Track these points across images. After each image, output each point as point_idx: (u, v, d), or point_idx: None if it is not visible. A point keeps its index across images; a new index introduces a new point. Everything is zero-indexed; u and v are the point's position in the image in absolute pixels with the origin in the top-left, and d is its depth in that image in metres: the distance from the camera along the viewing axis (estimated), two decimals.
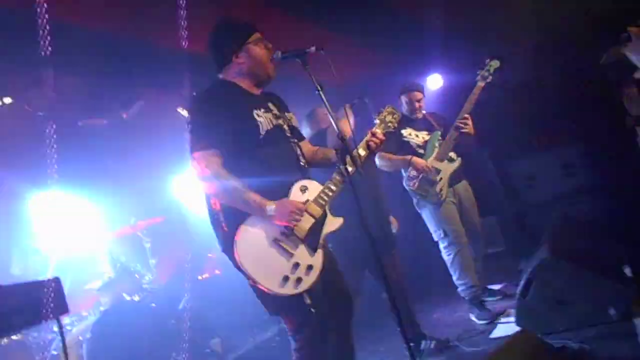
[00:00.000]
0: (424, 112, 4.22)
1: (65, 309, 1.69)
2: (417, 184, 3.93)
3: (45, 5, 3.32)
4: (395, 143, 4.04)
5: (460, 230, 3.95)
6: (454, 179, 4.01)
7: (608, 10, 4.73)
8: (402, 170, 4.10)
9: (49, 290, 1.55)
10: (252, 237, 2.12)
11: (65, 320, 4.03)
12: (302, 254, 2.19)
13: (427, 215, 4.04)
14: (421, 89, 4.25)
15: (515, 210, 5.52)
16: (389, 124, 2.56)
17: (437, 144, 3.99)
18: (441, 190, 3.88)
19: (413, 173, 3.95)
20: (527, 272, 3.04)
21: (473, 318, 3.94)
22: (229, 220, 2.18)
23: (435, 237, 4.05)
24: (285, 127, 2.42)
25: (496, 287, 4.64)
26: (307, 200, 2.26)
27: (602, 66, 3.97)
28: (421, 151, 4.01)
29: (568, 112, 5.25)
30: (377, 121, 2.56)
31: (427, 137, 4.06)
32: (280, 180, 2.25)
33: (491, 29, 5.49)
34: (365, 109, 3.77)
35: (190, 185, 5.66)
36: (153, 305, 4.48)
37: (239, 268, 2.15)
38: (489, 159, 5.83)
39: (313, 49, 2.37)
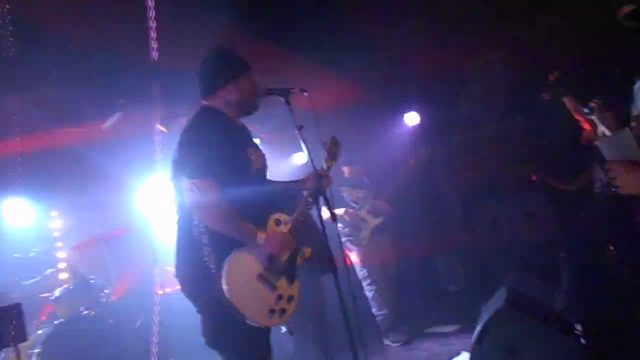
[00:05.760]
0: (363, 177, 5.10)
1: (24, 337, 1.66)
2: (347, 229, 4.82)
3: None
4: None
5: (379, 272, 4.79)
6: (377, 230, 4.86)
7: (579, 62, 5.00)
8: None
9: (10, 318, 1.52)
10: (239, 274, 2.17)
11: None
12: (283, 285, 2.29)
13: (354, 257, 4.85)
14: (350, 164, 5.05)
15: (477, 252, 5.66)
16: (335, 154, 2.77)
17: (369, 201, 4.90)
18: (365, 236, 4.82)
19: (346, 221, 4.82)
20: (483, 320, 3.12)
21: (388, 342, 4.67)
22: (217, 256, 2.17)
23: (359, 275, 4.80)
24: (265, 166, 2.53)
25: (450, 329, 4.78)
26: (282, 233, 2.36)
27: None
28: (354, 205, 4.96)
29: (533, 159, 5.46)
30: (325, 153, 2.72)
31: (359, 195, 4.98)
32: (260, 214, 2.35)
33: (467, 75, 5.74)
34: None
35: (157, 197, 5.57)
36: (110, 321, 4.38)
37: (214, 304, 2.15)
38: (456, 198, 6.01)
39: (297, 89, 2.51)
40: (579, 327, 3.23)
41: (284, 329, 3.49)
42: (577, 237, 3.93)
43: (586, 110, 3.45)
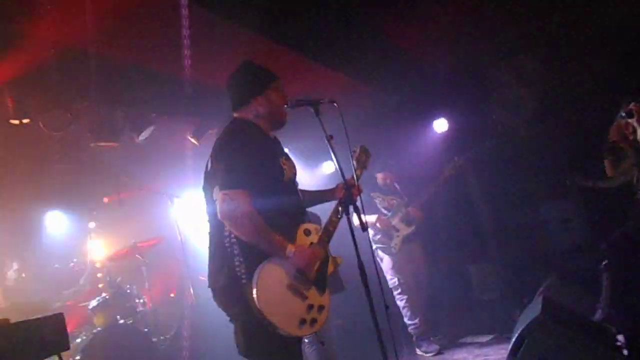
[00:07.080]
0: (395, 184, 5.07)
1: (67, 345, 1.72)
2: (379, 237, 4.78)
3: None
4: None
5: (410, 281, 4.75)
6: (408, 239, 4.82)
7: (612, 66, 4.88)
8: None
9: (52, 327, 1.59)
10: (269, 284, 2.18)
11: None
12: (313, 295, 2.29)
13: (385, 265, 4.80)
14: (385, 169, 5.03)
15: (511, 260, 5.54)
16: (365, 163, 2.81)
17: (402, 209, 4.86)
18: (396, 245, 4.76)
19: (377, 228, 4.78)
20: (519, 330, 3.05)
21: (421, 352, 4.62)
22: (248, 266, 2.20)
23: (390, 284, 4.76)
24: (295, 175, 2.55)
25: (484, 338, 4.68)
26: (312, 243, 2.38)
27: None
28: (385, 212, 4.88)
29: (569, 167, 5.33)
30: (354, 162, 2.75)
31: (392, 202, 4.92)
32: (290, 224, 2.37)
33: (497, 80, 5.66)
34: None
35: (192, 208, 5.68)
36: (146, 329, 4.47)
37: (246, 313, 2.18)
38: (491, 206, 5.90)
39: (326, 100, 2.53)
40: (620, 337, 3.12)
41: (306, 340, 3.47)
42: (618, 244, 3.79)
43: (623, 114, 3.35)
